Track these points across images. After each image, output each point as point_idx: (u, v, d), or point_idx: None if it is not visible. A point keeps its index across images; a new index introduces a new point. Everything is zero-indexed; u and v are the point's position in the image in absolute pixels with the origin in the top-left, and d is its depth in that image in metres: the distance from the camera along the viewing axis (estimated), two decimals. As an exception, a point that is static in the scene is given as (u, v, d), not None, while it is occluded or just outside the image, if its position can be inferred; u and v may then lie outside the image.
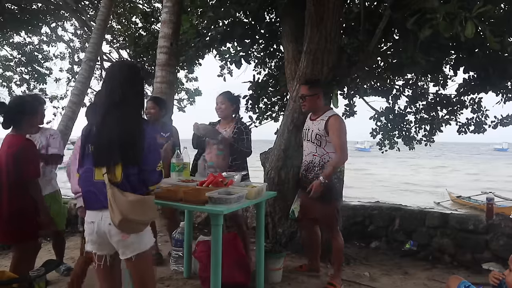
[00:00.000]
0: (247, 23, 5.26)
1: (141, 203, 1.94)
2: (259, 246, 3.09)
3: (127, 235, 1.94)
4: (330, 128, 3.20)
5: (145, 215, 1.96)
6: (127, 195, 1.90)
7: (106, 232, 1.96)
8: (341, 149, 3.19)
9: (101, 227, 1.96)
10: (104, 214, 1.95)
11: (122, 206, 1.87)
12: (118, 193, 1.89)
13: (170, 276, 3.52)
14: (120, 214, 1.85)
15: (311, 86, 3.38)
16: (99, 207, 1.97)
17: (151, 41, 7.42)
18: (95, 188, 1.98)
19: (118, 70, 2.12)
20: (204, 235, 4.14)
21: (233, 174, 3.06)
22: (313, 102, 3.36)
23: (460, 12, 2.85)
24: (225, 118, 3.70)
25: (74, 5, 9.22)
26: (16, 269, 2.76)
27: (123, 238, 1.94)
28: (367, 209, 4.97)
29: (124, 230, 1.91)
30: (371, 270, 3.89)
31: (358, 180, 21.22)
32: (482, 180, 25.88)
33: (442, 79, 5.78)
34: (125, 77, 2.05)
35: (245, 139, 3.55)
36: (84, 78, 6.54)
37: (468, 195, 15.14)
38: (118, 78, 2.05)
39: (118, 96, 2.00)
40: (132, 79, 2.08)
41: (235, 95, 3.78)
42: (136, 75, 2.14)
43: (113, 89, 2.02)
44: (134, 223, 1.91)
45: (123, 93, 2.01)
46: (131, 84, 2.06)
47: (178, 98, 11.50)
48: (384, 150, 6.53)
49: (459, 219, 4.44)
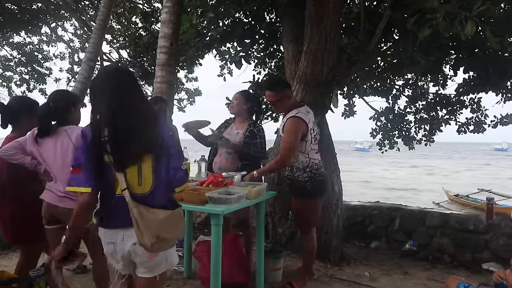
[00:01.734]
0: (247, 23, 5.26)
1: (173, 218, 1.74)
2: (259, 246, 3.09)
3: (155, 254, 1.74)
4: (284, 130, 3.07)
5: (177, 230, 1.78)
6: (156, 213, 1.68)
7: (131, 251, 1.74)
8: (283, 153, 3.04)
9: (123, 248, 1.75)
10: (126, 234, 1.72)
11: (154, 226, 1.66)
12: (145, 211, 1.66)
13: (170, 276, 3.52)
14: (152, 236, 1.64)
15: (276, 91, 3.13)
16: (117, 225, 1.75)
17: (151, 41, 7.42)
18: (115, 204, 1.73)
19: (106, 81, 1.76)
20: (204, 235, 4.15)
21: (233, 174, 3.06)
22: (282, 105, 3.16)
23: (460, 12, 2.85)
24: (238, 115, 3.53)
25: (74, 5, 9.22)
26: (22, 270, 2.74)
27: (149, 259, 1.75)
28: (367, 209, 4.97)
29: (156, 250, 1.72)
30: (371, 270, 3.89)
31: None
32: (482, 180, 25.87)
33: (442, 79, 5.78)
34: (117, 84, 1.74)
35: (258, 142, 3.35)
36: (84, 78, 6.53)
37: (466, 194, 15.13)
38: (110, 88, 1.73)
39: (118, 101, 1.71)
40: (126, 84, 1.77)
41: (253, 95, 3.68)
42: (128, 79, 1.80)
43: (112, 97, 1.71)
44: (165, 241, 1.72)
45: (123, 98, 1.72)
46: (127, 90, 1.75)
47: (178, 98, 11.49)
48: (384, 150, 6.53)
49: (459, 219, 4.45)
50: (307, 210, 3.18)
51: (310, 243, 3.25)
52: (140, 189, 1.72)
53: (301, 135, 3.02)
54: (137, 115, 1.71)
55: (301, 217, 3.25)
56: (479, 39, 3.78)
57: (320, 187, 3.20)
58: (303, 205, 3.17)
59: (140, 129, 1.70)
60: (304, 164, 3.09)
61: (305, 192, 3.12)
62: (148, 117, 1.75)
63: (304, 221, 3.24)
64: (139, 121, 1.71)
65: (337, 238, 4.15)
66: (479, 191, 14.01)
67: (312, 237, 3.25)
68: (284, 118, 3.16)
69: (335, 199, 4.18)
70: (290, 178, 3.17)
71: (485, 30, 2.98)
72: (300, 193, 3.15)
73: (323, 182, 3.23)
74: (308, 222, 3.23)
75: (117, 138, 1.68)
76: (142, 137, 1.70)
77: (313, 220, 3.24)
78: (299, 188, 3.13)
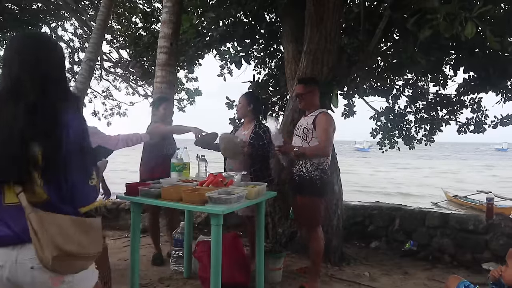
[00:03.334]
0: (247, 23, 5.27)
1: (83, 226, 1.35)
2: (259, 246, 3.09)
3: (61, 277, 1.32)
4: (318, 123, 3.14)
5: (89, 245, 1.35)
6: (60, 219, 1.30)
7: (27, 281, 1.29)
8: (324, 143, 3.11)
9: (16, 274, 1.29)
10: (21, 253, 1.29)
11: (56, 234, 1.26)
12: (46, 216, 1.28)
13: (170, 276, 3.52)
14: (54, 246, 1.24)
15: (306, 84, 3.35)
16: (12, 242, 1.30)
17: (151, 41, 7.41)
18: (6, 215, 1.31)
19: (22, 45, 1.43)
20: (204, 235, 4.15)
21: (233, 174, 3.06)
22: (309, 99, 3.30)
23: (461, 12, 2.85)
24: (244, 118, 3.62)
25: (74, 5, 9.22)
26: None
27: (54, 286, 1.31)
28: (367, 209, 4.97)
29: (58, 269, 1.29)
30: (371, 270, 3.89)
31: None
32: (484, 180, 25.86)
33: (442, 79, 5.79)
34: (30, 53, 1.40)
35: (265, 144, 3.35)
36: (84, 78, 6.52)
37: (465, 195, 15.12)
38: (21, 56, 1.39)
39: (22, 83, 1.35)
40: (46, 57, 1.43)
41: (255, 96, 3.73)
42: (51, 50, 1.46)
43: (14, 73, 1.37)
44: (73, 257, 1.30)
45: (32, 78, 1.36)
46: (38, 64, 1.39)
47: (178, 98, 11.49)
48: (384, 150, 6.54)
49: (459, 219, 4.45)
50: (313, 207, 3.18)
51: (318, 243, 3.22)
52: (36, 195, 1.32)
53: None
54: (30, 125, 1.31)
55: (306, 215, 3.25)
56: (479, 39, 3.79)
57: (327, 186, 3.29)
58: (310, 202, 3.18)
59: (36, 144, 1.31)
60: (319, 161, 3.15)
61: (314, 190, 3.16)
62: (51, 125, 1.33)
63: (308, 219, 3.24)
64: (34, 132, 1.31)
65: (337, 238, 4.15)
66: (478, 192, 14.02)
67: (320, 237, 3.23)
68: (314, 112, 3.25)
69: (335, 199, 4.18)
70: (300, 174, 3.19)
71: (485, 31, 2.98)
72: (308, 190, 3.17)
73: (330, 181, 3.34)
74: (313, 221, 3.22)
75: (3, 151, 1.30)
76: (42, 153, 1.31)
77: (318, 219, 3.24)
78: (309, 185, 3.15)
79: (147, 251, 4.12)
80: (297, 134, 3.34)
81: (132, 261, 2.86)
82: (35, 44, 1.44)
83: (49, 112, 1.34)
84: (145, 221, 4.28)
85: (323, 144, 3.11)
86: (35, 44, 1.44)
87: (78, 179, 1.35)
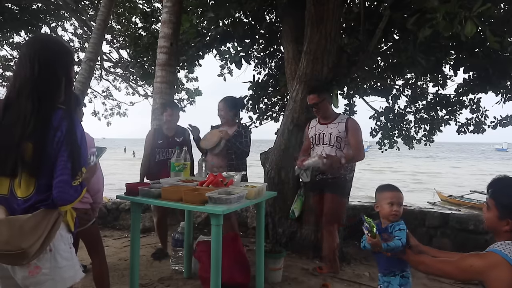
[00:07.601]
0: (247, 23, 5.27)
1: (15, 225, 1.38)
2: (259, 246, 3.09)
3: (37, 267, 1.42)
4: (350, 129, 3.44)
5: (13, 239, 1.35)
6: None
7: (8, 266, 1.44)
8: (359, 149, 3.42)
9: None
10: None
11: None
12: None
13: (170, 276, 3.52)
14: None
15: (319, 93, 3.56)
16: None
17: (151, 41, 7.41)
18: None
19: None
20: (204, 235, 4.14)
21: (233, 174, 3.06)
22: (325, 107, 3.57)
23: (460, 11, 2.85)
24: (227, 123, 3.80)
25: (74, 5, 9.23)
26: None
27: (30, 274, 1.42)
28: (367, 209, 4.96)
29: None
30: (371, 270, 3.89)
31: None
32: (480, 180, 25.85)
33: (442, 79, 5.80)
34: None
35: (244, 141, 3.66)
36: (84, 78, 6.53)
37: (460, 195, 15.11)
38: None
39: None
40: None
41: (236, 98, 3.88)
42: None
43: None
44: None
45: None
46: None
47: (178, 98, 11.50)
48: (384, 149, 6.54)
49: (459, 219, 4.44)
50: (343, 207, 3.60)
51: (334, 240, 3.53)
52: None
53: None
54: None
55: (338, 214, 3.55)
56: (479, 39, 3.79)
57: (351, 188, 3.66)
58: (342, 202, 3.56)
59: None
60: (353, 165, 3.56)
61: (346, 191, 3.56)
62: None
63: (336, 216, 3.54)
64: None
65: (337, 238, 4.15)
66: (471, 192, 14.07)
67: (336, 235, 3.57)
68: (337, 120, 3.53)
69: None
70: (336, 176, 3.48)
71: (485, 30, 2.98)
72: (342, 191, 3.52)
73: (351, 184, 3.67)
74: (340, 218, 3.58)
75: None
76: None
77: (343, 217, 3.65)
78: (343, 187, 3.52)
79: (147, 251, 4.12)
80: (325, 143, 3.53)
81: (132, 261, 2.86)
82: (52, 46, 1.53)
83: (48, 113, 1.43)
84: (145, 221, 4.29)
85: (357, 152, 3.42)
86: (51, 47, 1.53)
87: (63, 179, 1.41)
